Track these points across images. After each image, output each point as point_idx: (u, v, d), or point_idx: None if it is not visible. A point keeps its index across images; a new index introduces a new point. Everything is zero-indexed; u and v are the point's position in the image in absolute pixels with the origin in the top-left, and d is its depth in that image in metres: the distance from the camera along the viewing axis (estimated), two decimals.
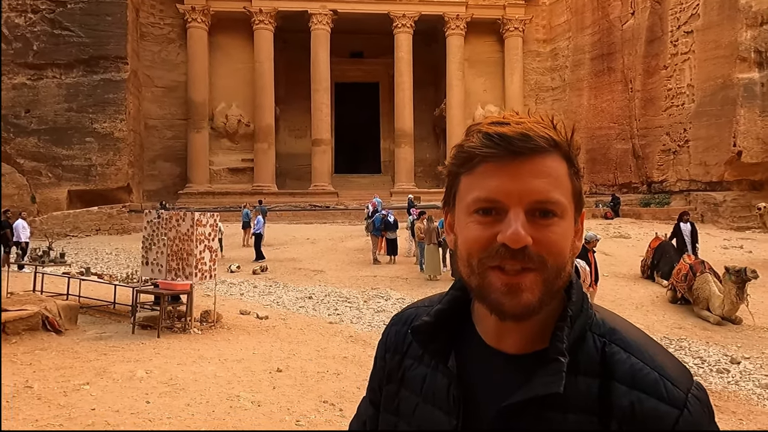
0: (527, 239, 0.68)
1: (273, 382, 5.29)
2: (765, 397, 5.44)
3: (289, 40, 28.45)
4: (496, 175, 0.70)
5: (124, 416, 4.23)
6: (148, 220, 8.14)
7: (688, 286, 8.77)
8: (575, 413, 0.69)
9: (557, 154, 0.71)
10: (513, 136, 0.70)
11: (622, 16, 23.97)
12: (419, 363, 0.83)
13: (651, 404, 0.67)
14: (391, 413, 0.85)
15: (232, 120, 26.96)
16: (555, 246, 0.70)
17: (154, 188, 26.23)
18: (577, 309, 0.75)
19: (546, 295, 0.70)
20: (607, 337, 0.74)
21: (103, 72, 22.52)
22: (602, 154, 25.22)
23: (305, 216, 23.76)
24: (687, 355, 6.80)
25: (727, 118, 18.47)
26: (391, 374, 0.87)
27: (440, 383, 0.79)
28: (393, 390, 0.85)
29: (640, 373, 0.70)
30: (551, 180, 0.70)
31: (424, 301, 0.92)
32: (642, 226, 18.63)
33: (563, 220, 0.71)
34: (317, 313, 9.07)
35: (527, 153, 0.69)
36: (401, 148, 27.67)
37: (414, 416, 0.80)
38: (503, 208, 0.70)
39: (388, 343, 0.90)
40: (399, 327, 0.89)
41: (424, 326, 0.80)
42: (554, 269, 0.70)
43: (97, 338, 6.89)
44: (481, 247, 0.70)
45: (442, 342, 0.80)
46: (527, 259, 0.68)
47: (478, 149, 0.71)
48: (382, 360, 0.90)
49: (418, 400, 0.81)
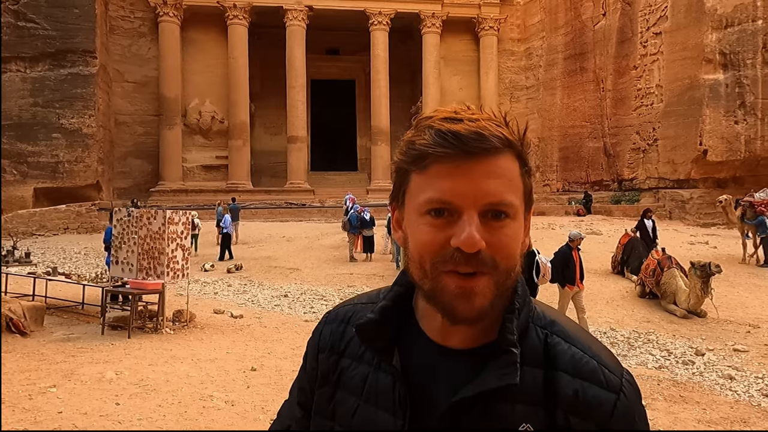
0: (482, 243, 0.66)
1: (247, 381, 5.24)
2: (727, 387, 5.64)
3: (264, 35, 28.11)
4: (450, 176, 0.68)
5: (92, 418, 4.13)
6: (118, 218, 7.95)
7: (656, 281, 9.02)
8: (523, 404, 0.70)
9: (510, 154, 0.70)
10: (467, 135, 0.67)
11: (594, 17, 24.45)
12: (359, 363, 0.79)
13: (593, 391, 0.70)
14: (325, 417, 0.80)
15: (206, 116, 26.53)
16: (507, 248, 0.69)
17: (125, 186, 25.62)
18: (522, 302, 0.75)
19: (498, 297, 0.70)
20: (549, 328, 0.76)
21: (70, 66, 21.85)
22: (575, 153, 25.71)
23: (281, 214, 23.57)
24: (655, 347, 6.99)
25: (693, 117, 19.04)
26: (326, 376, 0.82)
27: (384, 383, 0.76)
28: (328, 393, 0.81)
29: (580, 362, 0.72)
30: (505, 181, 0.69)
31: (362, 298, 0.89)
32: (613, 223, 19.06)
33: (515, 221, 0.70)
34: (293, 312, 9.01)
35: (481, 153, 0.67)
36: (378, 146, 27.67)
37: (354, 419, 0.77)
38: (456, 210, 0.68)
39: (321, 342, 0.85)
40: (335, 326, 0.85)
41: (370, 324, 0.77)
42: (505, 271, 0.70)
43: (65, 339, 6.70)
44: (434, 250, 0.69)
45: (386, 339, 0.77)
46: (480, 263, 0.67)
47: (430, 148, 0.69)
48: (314, 360, 0.85)
49: (358, 401, 0.77)
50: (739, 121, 18.12)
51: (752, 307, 8.78)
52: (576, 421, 0.70)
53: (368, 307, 0.82)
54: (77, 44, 21.91)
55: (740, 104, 18.04)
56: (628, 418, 0.70)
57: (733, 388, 5.61)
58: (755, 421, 4.81)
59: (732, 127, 18.18)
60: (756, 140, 17.89)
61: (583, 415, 0.70)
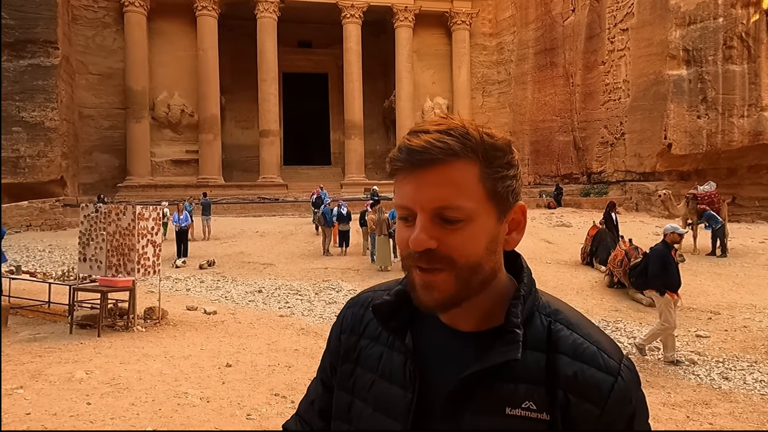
0: (428, 243, 0.74)
1: (222, 377, 5.19)
2: (690, 372, 5.88)
3: (234, 27, 27.60)
4: (406, 184, 0.76)
5: (62, 419, 4.03)
6: (85, 214, 7.73)
7: (624, 271, 9.29)
8: (526, 383, 0.76)
9: (462, 162, 0.75)
10: (415, 149, 0.75)
11: (564, 13, 24.86)
12: (375, 342, 0.87)
13: (591, 373, 0.76)
14: (346, 391, 0.88)
15: (175, 110, 25.94)
16: (462, 248, 0.75)
17: (91, 181, 24.87)
18: (527, 290, 0.82)
19: (462, 290, 0.77)
20: (552, 317, 0.82)
21: (30, 57, 20.99)
22: (545, 146, 26.17)
23: (254, 209, 23.29)
24: (623, 335, 7.23)
25: (658, 112, 19.61)
26: (347, 354, 0.90)
27: (396, 360, 0.83)
28: (349, 369, 0.89)
29: (581, 347, 0.78)
30: (452, 188, 0.74)
31: (381, 286, 0.96)
32: (582, 215, 19.52)
33: (472, 222, 0.76)
34: (267, 307, 8.95)
35: (425, 164, 0.74)
36: (351, 140, 27.57)
37: (370, 392, 0.85)
38: (414, 214, 0.76)
39: (344, 324, 0.94)
40: (356, 309, 0.94)
41: (385, 305, 0.85)
42: (466, 267, 0.76)
43: (31, 340, 6.51)
44: (403, 248, 0.78)
45: (401, 320, 0.84)
46: (435, 260, 0.75)
47: (393, 162, 0.78)
48: (337, 341, 0.94)
49: (374, 377, 0.85)
50: (701, 115, 18.75)
51: (713, 294, 9.15)
52: (575, 401, 0.75)
53: (386, 293, 0.89)
54: (37, 34, 21.05)
55: (702, 99, 18.66)
56: (624, 400, 0.76)
57: (696, 372, 5.85)
58: (716, 403, 5.03)
59: (695, 121, 18.80)
60: (717, 134, 18.55)
61: (582, 395, 0.75)
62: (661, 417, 4.64)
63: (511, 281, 0.84)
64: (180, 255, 13.69)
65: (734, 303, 8.60)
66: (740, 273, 10.61)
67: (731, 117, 18.34)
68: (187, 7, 25.48)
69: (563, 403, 0.75)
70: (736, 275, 10.41)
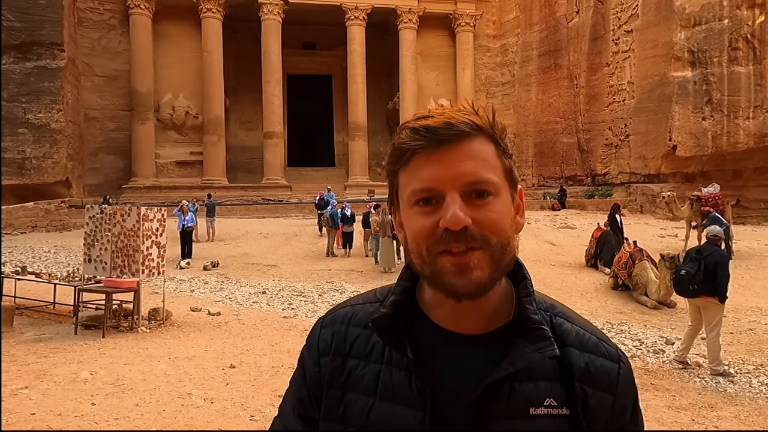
0: (466, 220, 0.71)
1: (226, 378, 5.20)
2: (695, 374, 5.84)
3: (239, 29, 27.69)
4: (428, 165, 0.73)
5: (67, 419, 4.05)
6: (90, 215, 7.77)
7: (628, 273, 9.26)
8: (544, 381, 0.76)
9: (482, 137, 0.75)
10: (437, 126, 0.73)
11: (568, 14, 24.82)
12: (367, 361, 0.79)
13: (600, 362, 0.78)
14: (335, 421, 0.79)
15: (180, 111, 26.03)
16: (495, 223, 0.73)
17: (96, 182, 24.96)
18: (531, 286, 0.81)
19: (495, 271, 0.73)
20: (551, 311, 0.82)
21: (36, 59, 21.12)
22: (549, 148, 26.11)
23: (258, 210, 23.32)
24: (627, 337, 7.19)
25: (663, 114, 19.54)
26: (332, 379, 0.80)
27: (398, 377, 0.76)
28: (336, 396, 0.79)
29: (584, 338, 0.80)
30: (480, 161, 0.73)
31: (357, 299, 0.88)
32: (587, 217, 19.46)
33: (498, 197, 0.74)
34: (271, 308, 8.96)
35: (452, 139, 0.73)
36: (355, 141, 27.59)
37: (369, 418, 0.76)
38: (440, 195, 0.73)
39: (321, 346, 0.83)
40: (336, 327, 0.84)
41: (384, 318, 0.78)
42: (499, 246, 0.73)
43: (36, 340, 6.54)
44: (426, 235, 0.73)
45: (399, 332, 0.78)
46: (470, 239, 0.71)
47: (408, 144, 0.75)
48: (315, 366, 0.83)
49: (371, 400, 0.77)
50: (706, 117, 18.68)
51: None
52: (591, 391, 0.76)
53: (367, 307, 0.84)
54: (44, 36, 21.18)
55: (707, 101, 18.59)
56: (630, 384, 0.80)
57: (701, 375, 5.82)
58: (722, 406, 5.00)
59: (700, 123, 18.73)
60: (722, 136, 18.47)
61: (596, 385, 0.77)
62: (666, 420, 4.61)
63: (506, 277, 0.81)
64: (184, 256, 13.73)
65: (740, 305, 8.54)
66: (746, 275, 10.54)
67: (736, 119, 18.26)
68: (191, 10, 25.58)
69: (581, 395, 0.76)
70: (741, 278, 10.35)
